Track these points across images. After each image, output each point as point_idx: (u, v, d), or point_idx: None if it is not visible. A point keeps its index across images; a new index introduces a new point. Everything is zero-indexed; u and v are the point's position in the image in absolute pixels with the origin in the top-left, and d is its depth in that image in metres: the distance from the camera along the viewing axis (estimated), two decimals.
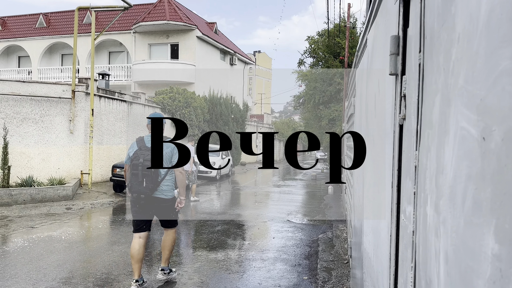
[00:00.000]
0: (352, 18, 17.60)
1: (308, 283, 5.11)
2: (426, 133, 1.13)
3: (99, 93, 13.91)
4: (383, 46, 1.99)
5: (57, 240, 6.71)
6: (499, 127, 0.64)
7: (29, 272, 5.11)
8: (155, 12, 23.92)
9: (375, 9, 2.45)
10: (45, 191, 10.27)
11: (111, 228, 7.99)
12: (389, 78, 1.75)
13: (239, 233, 7.90)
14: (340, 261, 6.01)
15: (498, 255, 0.62)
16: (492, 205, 0.65)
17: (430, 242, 1.02)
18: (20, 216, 8.54)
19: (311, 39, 18.99)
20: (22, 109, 12.30)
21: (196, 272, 5.36)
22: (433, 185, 1.03)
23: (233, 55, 29.68)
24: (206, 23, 28.69)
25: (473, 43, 0.77)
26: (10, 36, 28.52)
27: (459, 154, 0.82)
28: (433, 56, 1.07)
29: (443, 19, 0.98)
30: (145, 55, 24.75)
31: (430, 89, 1.10)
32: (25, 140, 12.35)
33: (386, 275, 1.71)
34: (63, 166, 12.86)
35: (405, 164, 1.43)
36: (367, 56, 3.11)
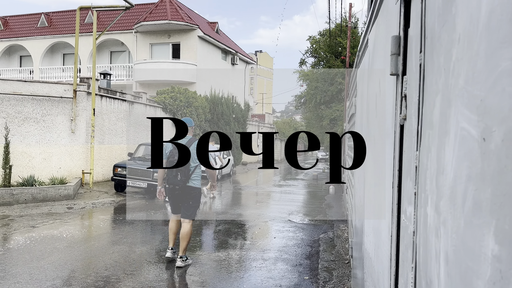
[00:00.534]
0: (353, 18, 17.60)
1: (309, 283, 5.11)
2: (426, 134, 1.13)
3: (101, 93, 13.93)
4: (384, 46, 1.99)
5: (58, 240, 6.72)
6: (499, 127, 0.64)
7: (30, 271, 5.12)
8: (157, 11, 23.94)
9: (376, 9, 2.45)
10: (47, 190, 10.28)
11: (112, 227, 8.00)
12: (390, 78, 1.75)
13: (240, 232, 7.91)
14: (341, 261, 6.01)
15: (498, 256, 0.62)
16: (492, 206, 0.65)
17: (431, 243, 1.02)
18: (22, 216, 8.55)
19: (312, 39, 18.99)
20: (24, 109, 12.33)
21: (197, 272, 5.37)
22: (433, 186, 1.02)
23: (235, 54, 29.69)
24: (208, 23, 28.70)
25: (473, 44, 0.77)
26: (12, 36, 28.57)
27: (460, 154, 0.82)
28: (434, 56, 1.07)
29: (443, 19, 0.98)
30: (147, 54, 24.78)
31: (431, 89, 1.10)
32: (27, 140, 12.37)
33: (387, 276, 1.71)
34: (64, 165, 12.88)
35: (406, 164, 1.43)
36: (368, 56, 3.11)
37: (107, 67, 24.96)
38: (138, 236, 7.22)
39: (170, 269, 5.47)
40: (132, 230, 7.63)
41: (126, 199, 11.28)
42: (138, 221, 8.52)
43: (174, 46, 24.73)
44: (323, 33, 19.23)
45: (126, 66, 25.51)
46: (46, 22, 28.27)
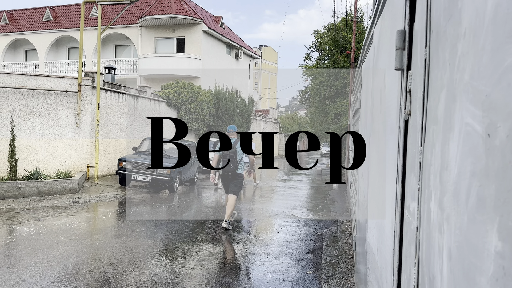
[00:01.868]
0: (359, 12, 17.49)
1: (312, 278, 5.13)
2: (431, 129, 1.12)
3: (105, 87, 13.96)
4: (389, 40, 1.98)
5: (63, 233, 6.77)
6: (504, 123, 0.64)
7: (35, 264, 5.17)
8: (161, 5, 23.91)
9: (382, 3, 2.43)
10: (52, 184, 10.35)
11: (117, 221, 8.05)
12: (395, 73, 1.74)
13: (244, 227, 7.93)
14: (345, 256, 6.02)
15: (501, 253, 0.62)
16: (496, 202, 0.65)
17: (434, 239, 1.02)
18: (27, 209, 8.62)
19: (317, 33, 18.89)
20: (29, 103, 12.38)
21: (200, 266, 5.39)
22: (437, 182, 1.02)
23: (239, 49, 29.62)
24: (212, 17, 28.63)
25: (479, 38, 0.76)
26: (17, 30, 28.65)
27: (464, 150, 0.82)
28: (439, 51, 1.06)
29: (449, 13, 0.97)
30: (151, 49, 24.77)
31: (436, 84, 1.09)
32: (32, 133, 12.44)
33: (390, 271, 1.71)
34: (69, 159, 12.95)
35: (410, 160, 1.43)
36: (373, 50, 3.09)
37: (111, 61, 24.99)
38: (142, 230, 7.26)
39: (174, 262, 5.50)
40: (137, 224, 7.68)
41: (130, 193, 11.33)
42: (143, 215, 8.56)
43: (178, 40, 24.71)
44: (328, 27, 19.12)
45: (130, 60, 25.52)
46: (51, 16, 28.30)
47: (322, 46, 18.50)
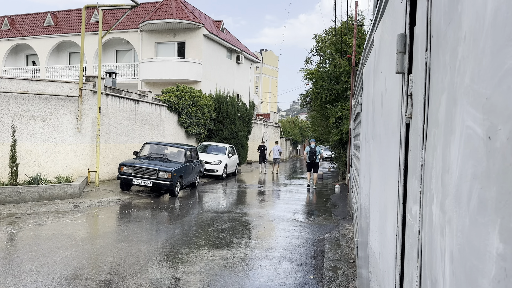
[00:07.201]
0: (359, 16, 17.52)
1: (314, 282, 5.11)
2: (432, 132, 1.12)
3: (106, 92, 13.99)
4: (390, 44, 1.98)
5: (65, 238, 6.76)
6: (505, 126, 0.64)
7: (36, 268, 5.16)
8: (162, 10, 23.99)
9: (382, 8, 2.44)
10: (53, 189, 10.35)
11: (118, 226, 8.04)
12: (396, 77, 1.75)
13: (245, 231, 7.92)
14: (347, 261, 6.00)
15: (503, 255, 0.62)
16: (497, 204, 0.65)
17: (436, 242, 1.02)
18: (28, 214, 8.62)
19: (318, 37, 18.94)
20: (30, 107, 12.41)
21: (201, 271, 5.38)
22: (439, 184, 1.02)
23: (240, 53, 29.67)
24: (213, 22, 28.71)
25: (479, 42, 0.76)
26: (19, 35, 28.75)
27: (465, 153, 0.82)
28: (440, 54, 1.07)
29: (449, 17, 0.98)
30: (152, 53, 24.84)
31: (437, 87, 1.09)
32: (33, 138, 12.45)
33: (392, 275, 1.71)
34: (70, 164, 12.95)
35: (411, 163, 1.43)
36: (374, 54, 3.10)
37: (112, 65, 25.05)
38: (143, 234, 7.25)
39: (175, 267, 5.49)
40: (138, 228, 7.67)
41: (131, 197, 11.33)
42: (144, 219, 8.55)
43: (179, 44, 24.77)
44: (329, 31, 19.17)
45: (131, 64, 25.58)
46: (52, 21, 28.41)
47: (323, 50, 18.54)
